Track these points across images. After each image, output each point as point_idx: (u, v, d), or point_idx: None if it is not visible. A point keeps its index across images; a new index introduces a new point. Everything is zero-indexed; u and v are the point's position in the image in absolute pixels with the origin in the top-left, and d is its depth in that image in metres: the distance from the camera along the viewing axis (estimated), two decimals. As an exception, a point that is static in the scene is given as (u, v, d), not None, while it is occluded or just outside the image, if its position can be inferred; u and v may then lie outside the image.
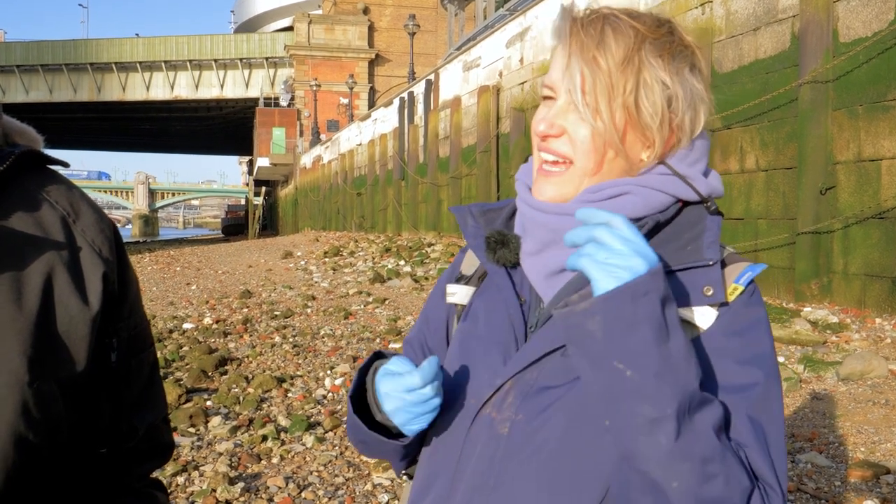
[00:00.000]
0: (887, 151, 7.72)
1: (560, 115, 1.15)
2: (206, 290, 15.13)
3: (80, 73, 65.17)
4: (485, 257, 1.22)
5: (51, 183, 1.15)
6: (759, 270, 1.13)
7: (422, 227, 22.60)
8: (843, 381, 5.95)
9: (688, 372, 0.97)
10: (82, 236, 1.12)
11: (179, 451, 5.30)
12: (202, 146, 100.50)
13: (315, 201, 42.41)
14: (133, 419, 1.20)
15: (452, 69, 21.26)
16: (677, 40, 1.15)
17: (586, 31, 1.13)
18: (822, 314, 7.61)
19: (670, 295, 0.98)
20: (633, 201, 1.14)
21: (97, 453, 1.14)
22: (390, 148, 27.15)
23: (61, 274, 1.08)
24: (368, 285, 14.07)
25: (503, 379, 1.14)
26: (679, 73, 1.14)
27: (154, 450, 1.26)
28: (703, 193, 1.16)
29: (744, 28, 9.68)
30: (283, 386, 6.97)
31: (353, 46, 56.95)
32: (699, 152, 1.20)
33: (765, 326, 1.12)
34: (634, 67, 1.11)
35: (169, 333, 9.91)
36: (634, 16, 1.15)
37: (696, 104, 1.17)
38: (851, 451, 4.72)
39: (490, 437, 1.13)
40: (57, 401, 1.04)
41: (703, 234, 1.13)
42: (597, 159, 1.14)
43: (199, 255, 26.50)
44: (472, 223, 1.27)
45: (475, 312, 1.25)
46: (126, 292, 1.17)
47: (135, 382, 1.20)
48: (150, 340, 1.25)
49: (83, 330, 1.08)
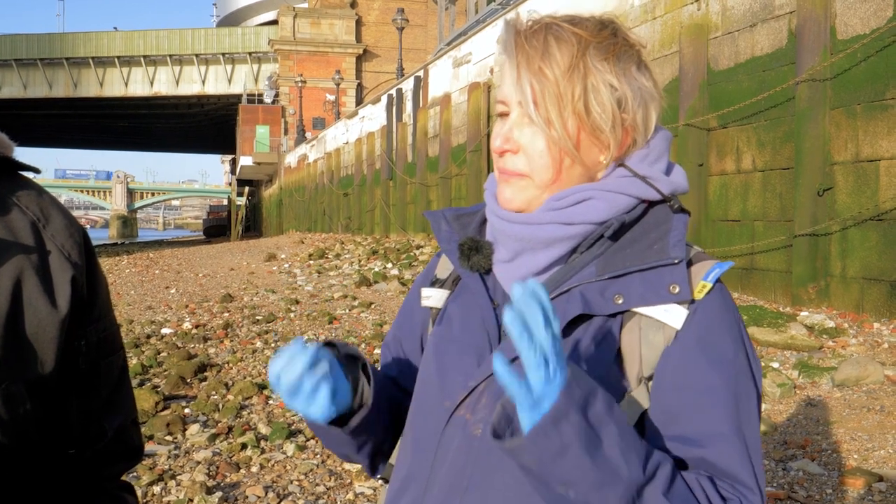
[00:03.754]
0: (886, 152, 7.81)
1: (515, 129, 1.20)
2: (186, 293, 15.15)
3: (55, 67, 65.06)
4: (458, 263, 1.28)
5: (21, 188, 1.21)
6: (726, 268, 1.18)
7: (410, 229, 22.66)
8: (838, 386, 6.03)
9: (629, 463, 1.01)
10: (52, 241, 1.19)
11: (156, 459, 5.34)
12: (183, 144, 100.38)
13: (300, 202, 42.43)
14: (102, 421, 1.26)
15: (442, 65, 21.33)
16: (621, 41, 1.20)
17: (530, 44, 1.18)
18: (818, 318, 7.70)
19: (591, 391, 1.01)
20: (597, 206, 1.19)
21: (66, 454, 1.20)
22: (378, 147, 27.20)
23: (30, 277, 1.14)
24: (354, 289, 14.12)
25: (476, 381, 1.20)
26: (626, 73, 1.19)
27: (123, 452, 1.32)
28: (666, 192, 1.22)
29: (740, 24, 9.78)
30: (263, 393, 7.02)
31: (339, 41, 56.99)
32: (658, 150, 1.25)
33: (735, 324, 1.17)
34: (580, 73, 1.16)
35: (147, 339, 9.94)
36: (576, 22, 1.20)
37: (647, 102, 1.22)
38: (845, 459, 4.80)
39: (464, 439, 1.18)
40: (25, 402, 1.11)
41: (668, 233, 1.18)
42: (555, 169, 1.19)
43: (179, 258, 26.49)
44: (446, 228, 1.33)
45: (450, 316, 1.31)
46: (95, 296, 1.24)
47: (104, 385, 1.26)
48: (119, 344, 1.31)
49: (52, 332, 1.14)
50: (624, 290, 1.15)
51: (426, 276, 1.42)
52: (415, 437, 1.27)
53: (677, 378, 1.13)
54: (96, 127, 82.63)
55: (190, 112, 73.07)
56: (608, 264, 1.18)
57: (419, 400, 1.29)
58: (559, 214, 1.19)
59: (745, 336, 1.18)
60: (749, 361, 1.16)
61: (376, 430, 1.31)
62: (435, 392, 1.25)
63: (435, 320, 1.34)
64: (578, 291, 1.17)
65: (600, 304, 1.15)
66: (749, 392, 1.14)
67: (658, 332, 1.14)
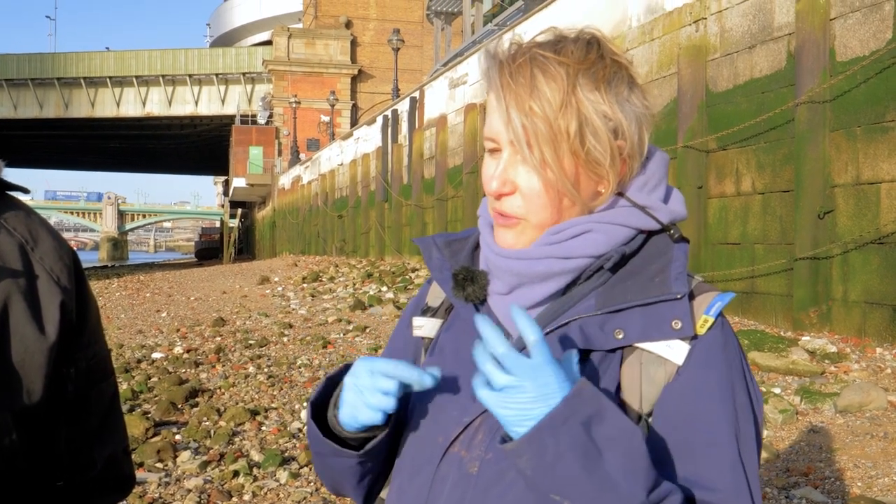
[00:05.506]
0: (886, 174, 7.84)
1: (509, 170, 1.17)
2: (178, 317, 15.10)
3: (46, 88, 65.18)
4: (451, 292, 1.26)
5: (9, 209, 1.20)
6: (727, 300, 1.17)
7: (405, 252, 22.64)
8: (840, 413, 6.01)
9: (633, 485, 1.00)
10: (40, 264, 1.17)
11: (146, 487, 5.30)
12: (175, 165, 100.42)
13: (294, 224, 42.41)
14: (92, 451, 1.24)
15: (438, 86, 21.41)
16: (609, 62, 1.16)
17: (516, 80, 1.14)
18: (820, 343, 7.69)
19: (599, 408, 1.01)
20: (596, 239, 1.17)
21: (55, 486, 1.18)
22: (373, 168, 27.24)
23: (17, 302, 1.12)
24: (349, 313, 14.09)
25: (472, 416, 1.17)
26: (618, 98, 1.16)
27: (114, 482, 1.29)
28: (665, 222, 1.20)
29: (739, 46, 9.84)
30: (256, 419, 6.98)
31: (334, 62, 57.22)
32: (657, 176, 1.23)
33: (737, 359, 1.16)
34: (573, 109, 1.13)
35: (137, 363, 9.89)
36: (560, 48, 1.15)
37: (641, 123, 1.19)
38: (848, 487, 4.77)
39: (459, 477, 1.15)
40: (11, 432, 1.08)
41: (669, 264, 1.17)
42: (553, 209, 1.17)
43: (170, 281, 26.43)
44: (437, 256, 1.31)
45: (442, 346, 1.28)
46: (85, 321, 1.22)
47: (94, 413, 1.24)
48: (109, 370, 1.29)
49: (39, 360, 1.12)
50: (624, 325, 1.14)
51: (416, 305, 1.39)
52: (408, 474, 1.23)
53: (677, 416, 1.12)
54: (87, 148, 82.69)
55: (182, 133, 73.16)
56: (608, 298, 1.16)
57: (412, 434, 1.25)
58: (557, 249, 1.17)
59: (747, 370, 1.17)
60: (750, 398, 1.15)
61: (380, 460, 1.26)
62: (429, 427, 1.22)
63: (427, 350, 1.32)
64: (577, 325, 1.15)
65: (600, 339, 1.14)
66: (749, 431, 1.14)
67: (659, 368, 1.13)
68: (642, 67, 11.47)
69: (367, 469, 1.26)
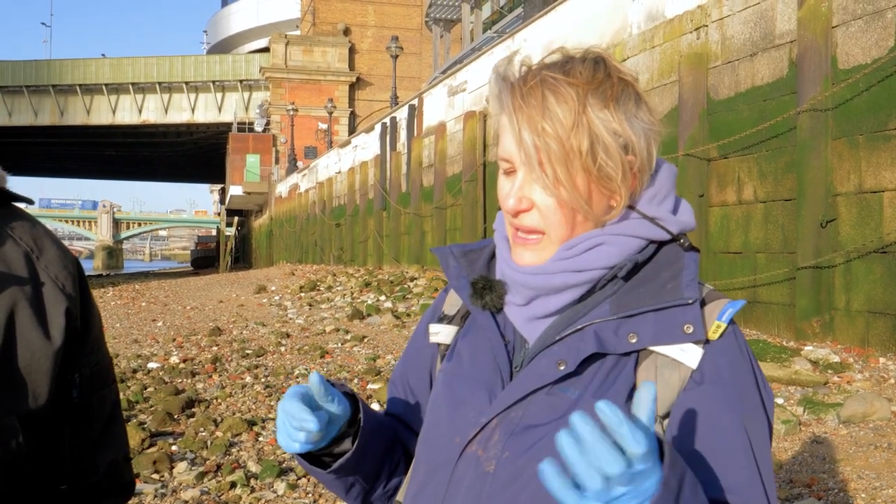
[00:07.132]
0: (889, 183, 7.87)
1: (525, 188, 1.22)
2: (174, 326, 15.11)
3: (41, 95, 65.23)
4: (469, 300, 1.31)
5: (15, 219, 1.23)
6: (739, 307, 1.22)
7: (404, 261, 22.67)
8: (844, 423, 6.03)
9: None
10: (45, 272, 1.20)
11: (142, 498, 5.31)
12: (171, 173, 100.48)
13: (291, 232, 42.45)
14: (94, 456, 1.27)
15: (437, 94, 21.47)
16: (616, 80, 1.22)
17: (527, 102, 1.19)
18: (823, 353, 7.71)
19: (683, 477, 0.98)
20: (609, 251, 1.23)
21: (58, 490, 1.21)
22: (371, 176, 27.29)
23: (24, 309, 1.15)
24: (346, 322, 14.10)
25: (488, 417, 1.22)
26: (627, 115, 1.21)
27: (115, 487, 1.32)
28: (674, 232, 1.26)
29: (740, 54, 9.89)
30: (253, 429, 6.99)
31: (332, 69, 57.31)
32: (666, 188, 1.28)
33: (750, 365, 1.21)
34: (584, 127, 1.17)
35: (133, 373, 9.90)
36: (568, 69, 1.21)
37: (649, 137, 1.24)
38: (852, 498, 4.78)
39: (476, 476, 1.20)
40: (17, 435, 1.11)
41: (681, 272, 1.22)
42: (568, 225, 1.22)
43: (166, 290, 26.45)
44: (454, 264, 1.37)
45: (460, 352, 1.34)
46: (89, 328, 1.25)
47: (96, 419, 1.27)
48: (112, 377, 1.32)
49: (45, 365, 1.15)
50: (638, 329, 1.19)
51: (434, 313, 1.45)
52: (425, 474, 1.29)
53: (693, 421, 1.16)
54: (83, 155, 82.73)
55: (179, 140, 73.22)
56: (622, 303, 1.21)
57: (429, 435, 1.31)
58: (571, 263, 1.22)
59: (760, 376, 1.22)
60: (763, 403, 1.20)
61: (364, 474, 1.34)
62: (445, 428, 1.27)
63: (444, 356, 1.37)
64: (592, 330, 1.20)
65: (614, 343, 1.19)
66: (764, 438, 1.18)
67: (674, 371, 1.18)
68: (643, 75, 11.52)
69: (349, 483, 1.35)
